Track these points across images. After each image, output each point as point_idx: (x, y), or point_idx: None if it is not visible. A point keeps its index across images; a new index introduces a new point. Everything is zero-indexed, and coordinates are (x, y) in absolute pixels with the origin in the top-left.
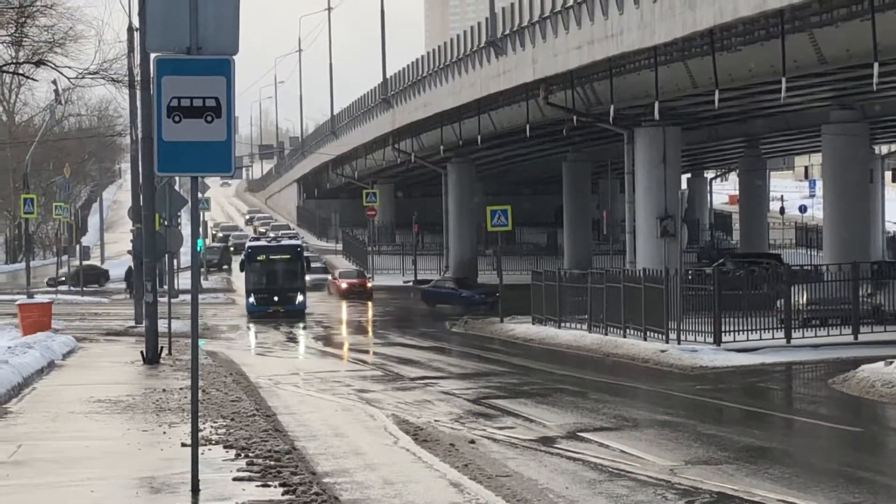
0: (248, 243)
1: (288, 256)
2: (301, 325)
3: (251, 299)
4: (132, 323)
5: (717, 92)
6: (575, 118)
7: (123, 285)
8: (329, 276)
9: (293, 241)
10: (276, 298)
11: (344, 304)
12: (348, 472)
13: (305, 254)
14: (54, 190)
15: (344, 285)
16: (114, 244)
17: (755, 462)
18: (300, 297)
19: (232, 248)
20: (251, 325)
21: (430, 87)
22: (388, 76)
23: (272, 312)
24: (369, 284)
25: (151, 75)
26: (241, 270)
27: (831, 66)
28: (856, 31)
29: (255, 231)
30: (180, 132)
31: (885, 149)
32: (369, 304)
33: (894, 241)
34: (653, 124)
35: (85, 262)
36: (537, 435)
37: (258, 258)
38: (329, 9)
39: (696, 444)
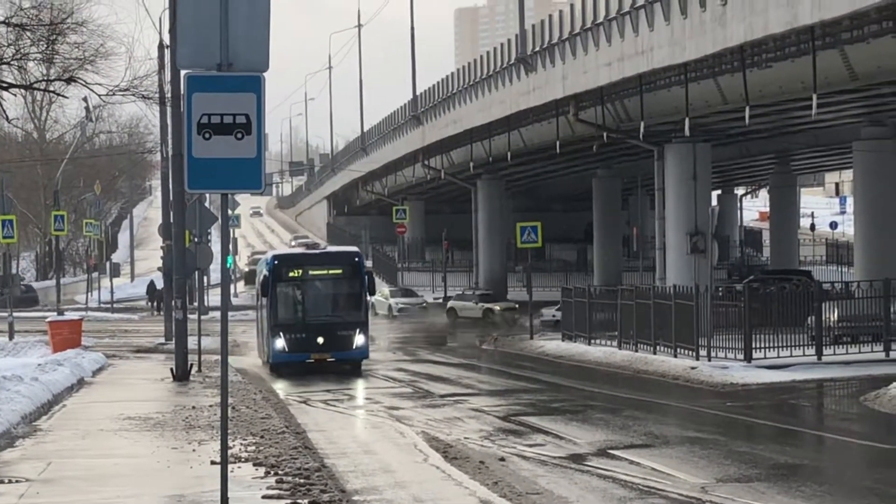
0: (272, 254)
1: (339, 271)
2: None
3: (278, 342)
4: (162, 340)
5: (747, 108)
6: (605, 134)
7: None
8: None
9: (347, 249)
10: (320, 340)
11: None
12: (378, 489)
13: (366, 265)
14: (85, 207)
15: None
16: (144, 261)
17: (787, 480)
18: (360, 339)
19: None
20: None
21: (460, 104)
22: (417, 93)
23: (313, 364)
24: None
25: (182, 92)
26: (263, 295)
27: (862, 83)
28: (887, 47)
29: None
30: (210, 149)
31: None
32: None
33: None
34: (683, 140)
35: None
36: (567, 452)
37: (290, 274)
38: (359, 26)
39: (728, 462)
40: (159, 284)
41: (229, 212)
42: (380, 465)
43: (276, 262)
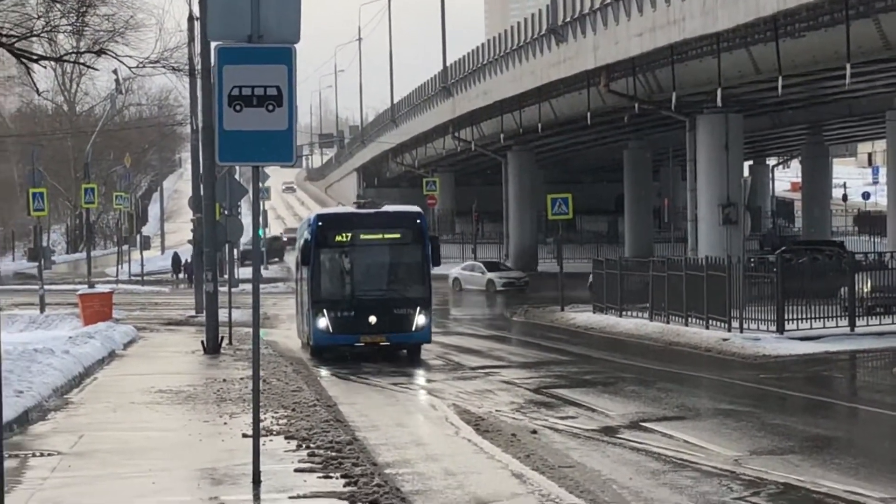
0: (316, 213)
1: (398, 236)
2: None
3: (321, 321)
4: (192, 312)
5: (780, 78)
6: (636, 105)
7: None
8: None
9: (408, 208)
10: (372, 320)
11: None
12: (410, 462)
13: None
14: (115, 180)
15: None
16: (174, 234)
17: (820, 452)
18: (422, 318)
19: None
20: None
21: (491, 76)
22: (447, 64)
23: (365, 349)
24: None
25: (213, 64)
26: (304, 264)
27: None
28: None
29: None
30: (241, 121)
31: None
32: None
33: None
34: (715, 111)
35: None
36: (599, 425)
37: (337, 239)
38: None
39: (760, 434)
40: (184, 257)
41: (259, 184)
42: (411, 438)
43: (320, 223)
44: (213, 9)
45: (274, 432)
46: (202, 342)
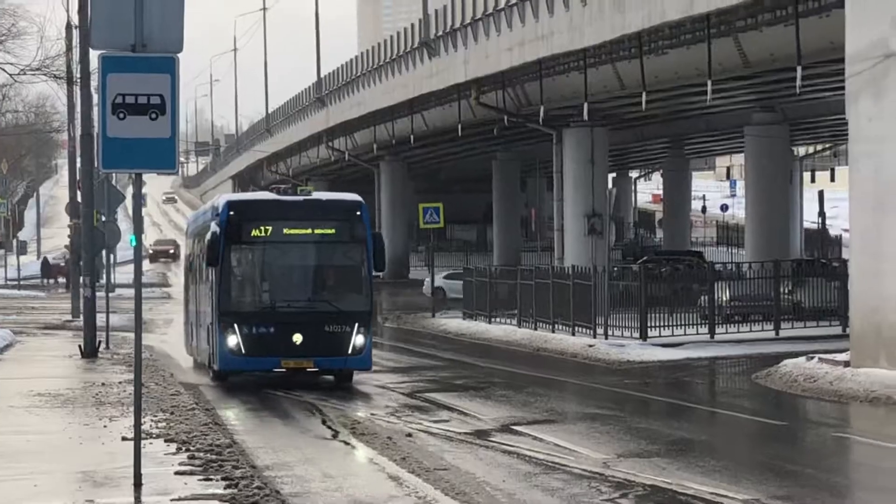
0: (225, 199)
1: (332, 231)
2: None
3: (230, 339)
4: (69, 317)
5: (644, 94)
6: (505, 118)
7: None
8: None
9: (346, 196)
10: (297, 339)
11: None
12: (288, 465)
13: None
14: None
15: None
16: (50, 239)
17: (685, 455)
18: (359, 339)
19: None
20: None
21: (364, 87)
22: (322, 76)
23: (285, 376)
24: None
25: (96, 72)
26: (210, 265)
27: (755, 70)
28: (780, 35)
29: None
30: (125, 129)
31: (803, 150)
32: None
33: (813, 240)
34: (581, 125)
35: None
36: (472, 428)
37: (254, 233)
38: (264, 9)
39: (628, 438)
40: (55, 260)
41: (141, 191)
42: (289, 441)
43: (231, 212)
44: (97, 18)
45: (154, 435)
46: (80, 346)
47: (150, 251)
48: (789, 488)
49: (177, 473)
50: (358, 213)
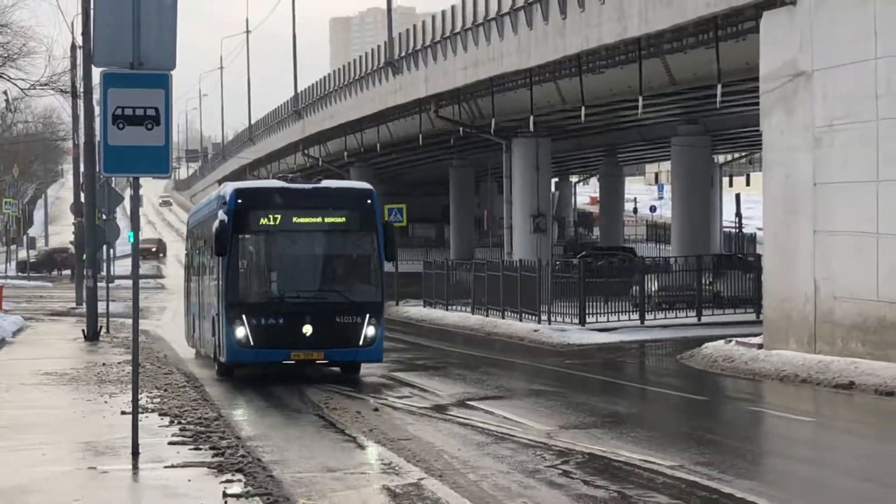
0: (233, 187)
1: (343, 220)
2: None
3: (238, 331)
4: (73, 305)
5: (583, 108)
6: (461, 129)
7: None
8: None
9: (355, 184)
10: (306, 330)
11: None
12: (268, 436)
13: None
14: (4, 188)
15: None
16: (56, 235)
17: (618, 427)
18: (370, 329)
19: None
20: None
21: (336, 101)
22: (298, 91)
23: (294, 367)
24: None
25: (98, 87)
26: (219, 254)
27: (680, 87)
28: (702, 56)
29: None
30: (124, 138)
31: (723, 158)
32: None
33: (731, 238)
34: (528, 135)
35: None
36: (432, 403)
37: (263, 222)
38: (248, 32)
39: (569, 412)
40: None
41: (139, 193)
42: (268, 414)
43: (239, 199)
44: (99, 39)
45: (149, 410)
46: (83, 331)
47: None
48: (710, 455)
49: (170, 443)
50: (369, 201)
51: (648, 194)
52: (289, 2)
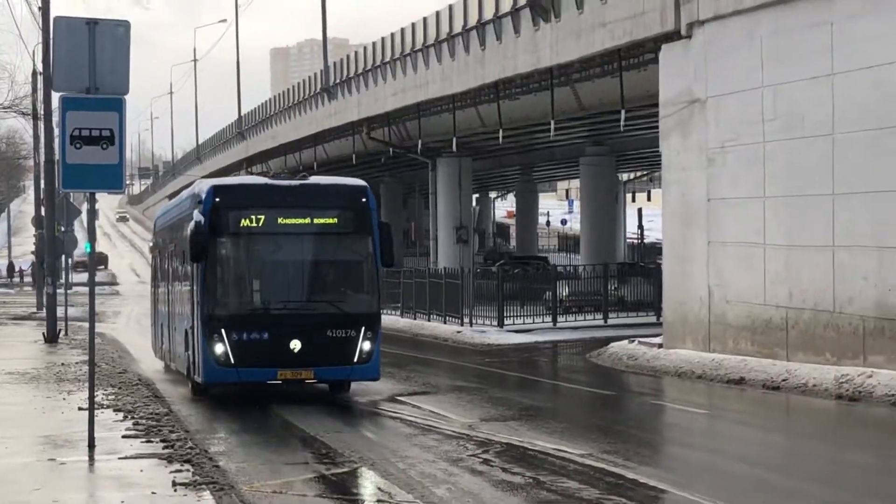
0: (210, 184)
1: (335, 220)
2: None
3: (217, 347)
4: (34, 309)
5: (500, 131)
6: (391, 150)
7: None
8: None
9: (348, 181)
10: (295, 346)
11: None
12: (215, 430)
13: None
14: None
15: None
16: (19, 246)
17: (534, 419)
18: (366, 344)
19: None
20: None
21: (277, 124)
22: (242, 114)
23: (280, 387)
24: None
25: (58, 110)
26: (196, 260)
27: (588, 112)
28: (607, 85)
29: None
30: (81, 156)
31: (626, 176)
32: None
33: (634, 248)
34: (451, 155)
35: None
36: (365, 399)
37: (244, 223)
38: (195, 60)
39: (488, 405)
40: (18, 265)
41: (95, 207)
42: (217, 409)
43: (217, 197)
44: (58, 66)
45: (104, 406)
46: (43, 333)
47: (75, 261)
48: (616, 444)
49: (124, 437)
50: (363, 199)
51: (560, 209)
52: (233, 33)
